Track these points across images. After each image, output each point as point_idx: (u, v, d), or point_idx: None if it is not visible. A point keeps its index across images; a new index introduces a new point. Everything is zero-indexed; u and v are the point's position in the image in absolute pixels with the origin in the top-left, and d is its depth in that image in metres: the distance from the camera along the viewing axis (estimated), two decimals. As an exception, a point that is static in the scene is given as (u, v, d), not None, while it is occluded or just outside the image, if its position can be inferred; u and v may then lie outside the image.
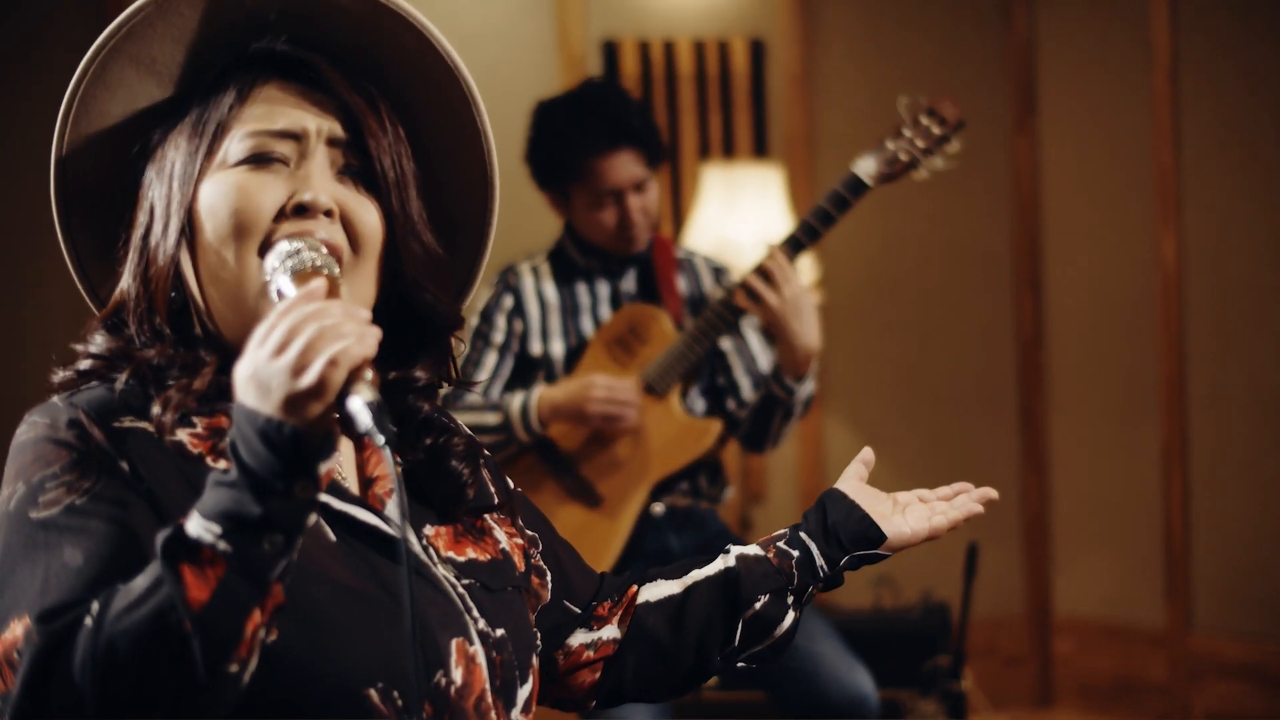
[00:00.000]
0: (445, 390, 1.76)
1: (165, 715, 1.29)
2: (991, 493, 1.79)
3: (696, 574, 1.82)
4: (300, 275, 1.45)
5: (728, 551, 1.82)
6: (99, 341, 1.57)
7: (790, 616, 1.78)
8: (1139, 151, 5.37)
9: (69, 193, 1.64)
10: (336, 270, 1.49)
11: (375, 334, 1.32)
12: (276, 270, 1.46)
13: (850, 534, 1.75)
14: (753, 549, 1.81)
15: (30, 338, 5.11)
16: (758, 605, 1.76)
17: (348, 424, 1.33)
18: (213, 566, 1.28)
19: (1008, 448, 5.73)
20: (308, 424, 1.29)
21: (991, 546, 5.28)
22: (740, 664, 1.82)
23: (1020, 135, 5.73)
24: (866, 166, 3.34)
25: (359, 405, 1.31)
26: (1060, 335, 5.73)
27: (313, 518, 1.35)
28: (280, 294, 1.46)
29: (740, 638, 1.78)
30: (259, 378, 1.30)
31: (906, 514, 1.77)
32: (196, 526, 1.29)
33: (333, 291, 1.38)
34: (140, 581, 1.30)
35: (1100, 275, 5.60)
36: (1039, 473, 5.73)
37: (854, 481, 1.82)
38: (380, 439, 1.31)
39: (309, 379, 1.28)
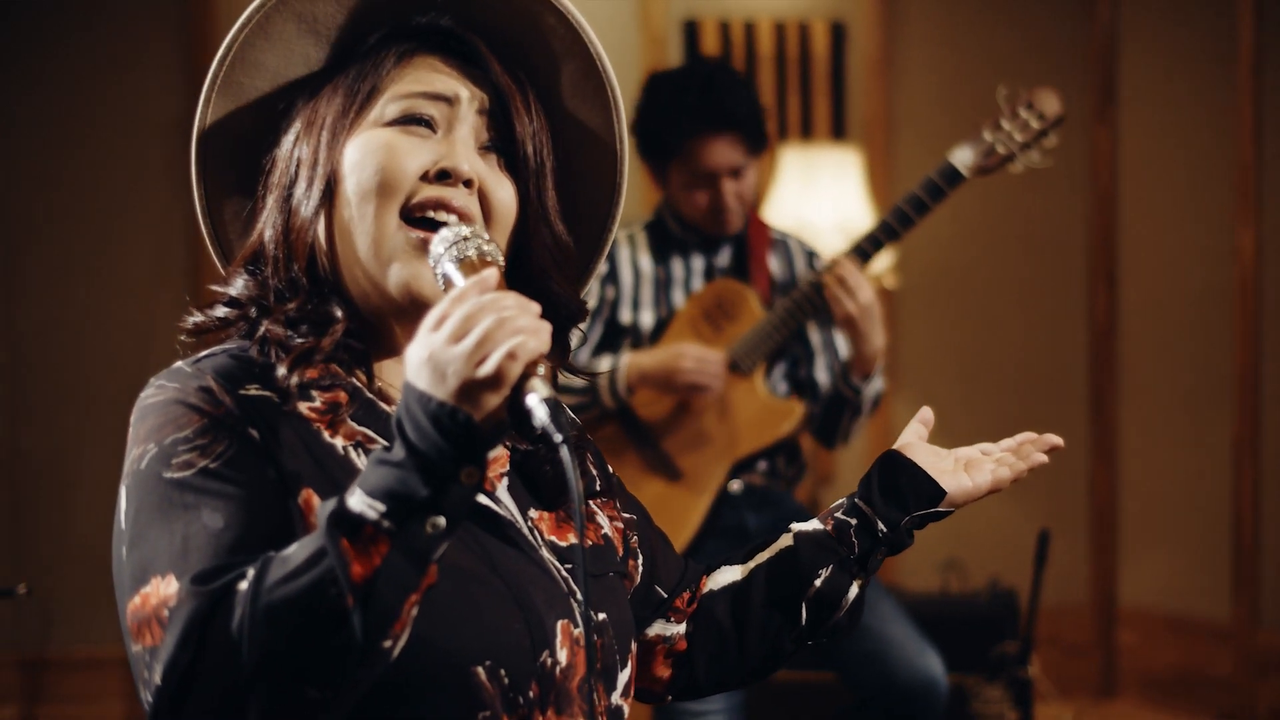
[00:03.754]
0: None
1: (315, 682, 1.31)
2: (1057, 440, 1.77)
3: (759, 557, 1.82)
4: (466, 264, 1.46)
5: (789, 530, 1.81)
6: (239, 285, 1.60)
7: (855, 587, 1.77)
8: (1219, 144, 5.33)
9: (209, 137, 1.67)
10: (502, 261, 1.50)
11: (549, 329, 1.33)
12: (442, 256, 1.47)
13: (909, 493, 1.73)
14: (812, 524, 1.80)
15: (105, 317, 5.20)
16: (818, 583, 1.75)
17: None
18: (375, 544, 1.29)
19: (1077, 438, 5.72)
20: (480, 412, 1.30)
21: (1058, 535, 5.25)
22: (814, 642, 1.81)
23: (1100, 125, 5.71)
24: (963, 157, 3.31)
25: (535, 401, 1.31)
26: (1133, 326, 5.70)
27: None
28: (446, 279, 1.46)
29: (806, 618, 1.77)
30: (435, 362, 1.30)
31: (968, 469, 1.76)
32: (359, 503, 1.30)
33: (501, 283, 1.38)
34: (298, 552, 1.31)
35: (1176, 267, 5.57)
36: (1108, 463, 5.72)
37: (912, 440, 1.80)
38: (558, 436, 1.31)
39: (487, 369, 1.29)
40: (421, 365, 1.31)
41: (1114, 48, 5.71)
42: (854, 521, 1.76)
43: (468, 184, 1.57)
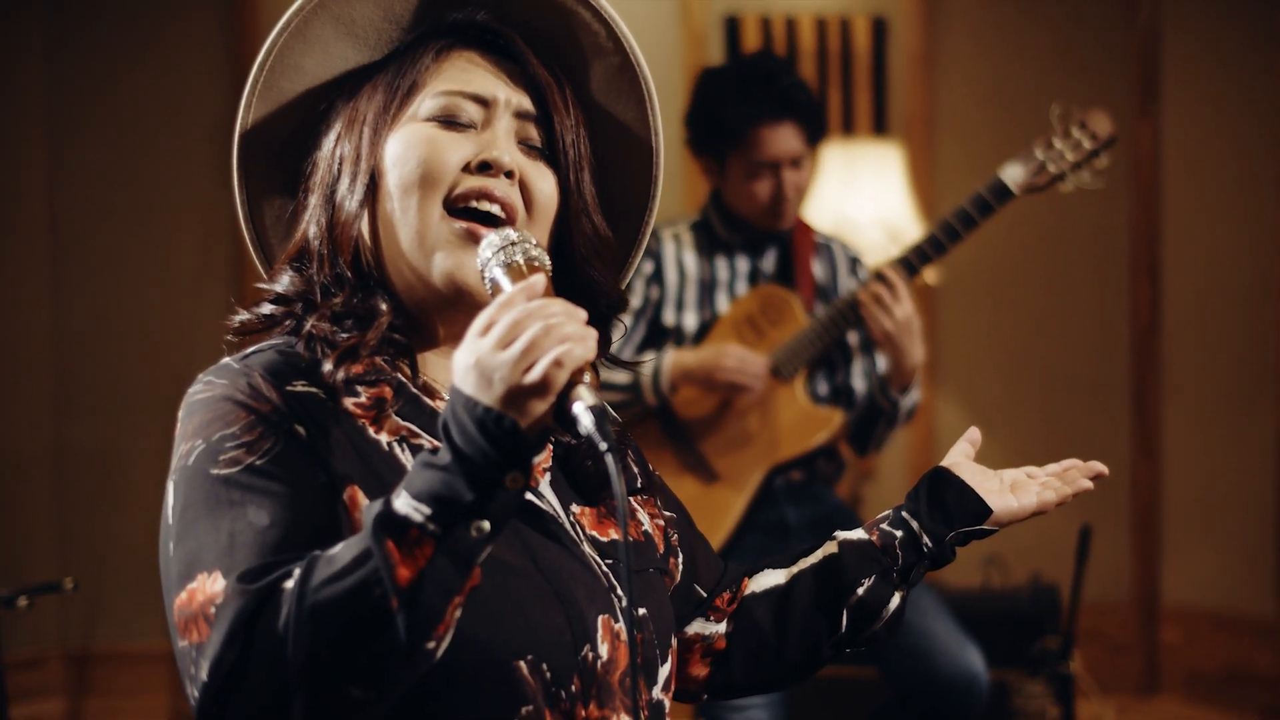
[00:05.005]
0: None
1: (359, 682, 1.32)
2: (1101, 468, 1.78)
3: (803, 562, 1.83)
4: (513, 269, 1.47)
5: (834, 538, 1.82)
6: (285, 282, 1.62)
7: (896, 598, 1.78)
8: (1261, 139, 5.30)
9: (250, 140, 1.69)
10: (549, 266, 1.51)
11: (595, 335, 1.35)
12: (490, 261, 1.48)
13: (956, 510, 1.75)
14: (857, 533, 1.81)
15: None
16: (860, 591, 1.77)
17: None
18: (420, 547, 1.31)
19: (1120, 433, 5.68)
20: (526, 419, 1.31)
21: (1101, 531, 5.23)
22: (851, 649, 1.82)
23: (1142, 121, 5.68)
24: (1014, 174, 3.31)
25: (582, 409, 1.33)
26: (1176, 321, 5.67)
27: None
28: (494, 284, 1.47)
29: (846, 625, 1.79)
30: (481, 367, 1.31)
31: (1014, 490, 1.77)
32: (405, 505, 1.32)
33: (549, 289, 1.39)
34: (344, 552, 1.32)
35: (1219, 262, 5.54)
36: (1151, 459, 5.69)
37: (960, 459, 1.82)
38: (604, 445, 1.32)
39: (534, 376, 1.30)
40: (468, 370, 1.32)
41: (1155, 42, 5.67)
42: (899, 534, 1.78)
43: (509, 175, 1.59)
